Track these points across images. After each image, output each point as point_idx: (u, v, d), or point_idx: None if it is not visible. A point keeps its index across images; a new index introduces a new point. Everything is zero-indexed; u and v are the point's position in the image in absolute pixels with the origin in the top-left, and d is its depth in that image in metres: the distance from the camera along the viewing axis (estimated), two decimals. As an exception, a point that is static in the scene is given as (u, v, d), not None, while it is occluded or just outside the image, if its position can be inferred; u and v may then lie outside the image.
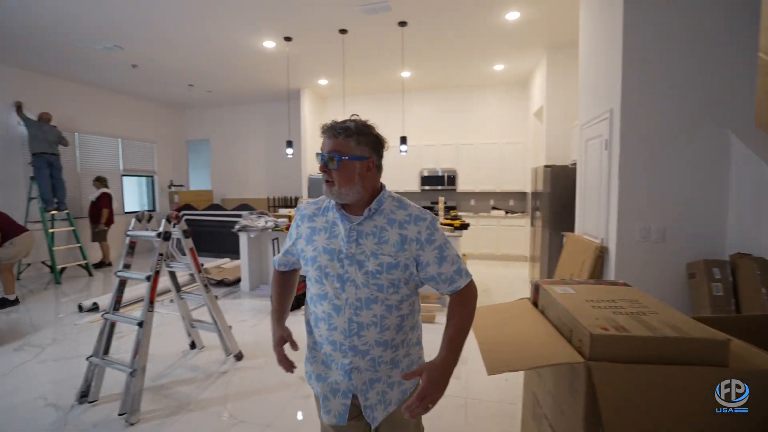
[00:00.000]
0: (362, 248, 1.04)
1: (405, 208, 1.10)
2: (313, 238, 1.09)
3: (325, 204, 1.13)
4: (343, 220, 1.06)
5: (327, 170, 1.03)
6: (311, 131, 7.37)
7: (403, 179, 7.26)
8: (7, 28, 4.33)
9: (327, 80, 6.66)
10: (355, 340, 1.06)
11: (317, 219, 1.12)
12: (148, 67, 5.79)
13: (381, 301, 1.05)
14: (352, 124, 1.04)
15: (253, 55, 5.34)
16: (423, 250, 1.06)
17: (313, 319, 1.13)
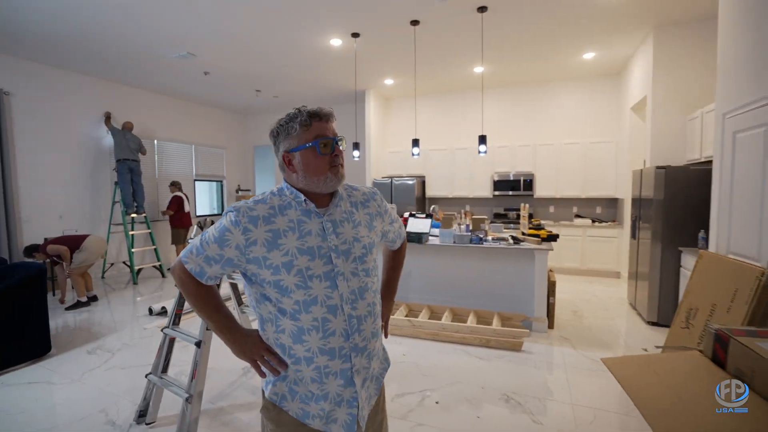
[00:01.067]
0: (343, 237, 1.01)
1: (356, 189, 1.14)
2: (278, 242, 0.96)
3: (278, 202, 1.01)
4: (311, 215, 1.01)
5: (339, 153, 1.03)
6: (376, 134, 7.09)
7: (472, 184, 6.70)
8: (98, 43, 4.55)
9: (393, 80, 6.34)
10: (356, 339, 1.00)
11: (276, 220, 0.98)
12: (218, 74, 5.88)
13: (370, 286, 1.05)
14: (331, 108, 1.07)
15: (320, 55, 5.17)
16: (383, 221, 1.17)
17: (294, 333, 0.98)
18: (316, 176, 1.00)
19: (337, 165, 1.02)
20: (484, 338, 3.30)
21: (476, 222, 4.04)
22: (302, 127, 1.00)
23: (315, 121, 1.01)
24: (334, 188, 1.03)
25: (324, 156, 1.00)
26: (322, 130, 1.01)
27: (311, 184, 1.01)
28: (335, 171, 1.01)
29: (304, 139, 1.00)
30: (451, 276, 4.04)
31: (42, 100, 5.35)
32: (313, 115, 1.00)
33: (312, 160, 1.00)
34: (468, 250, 3.92)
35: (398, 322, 3.59)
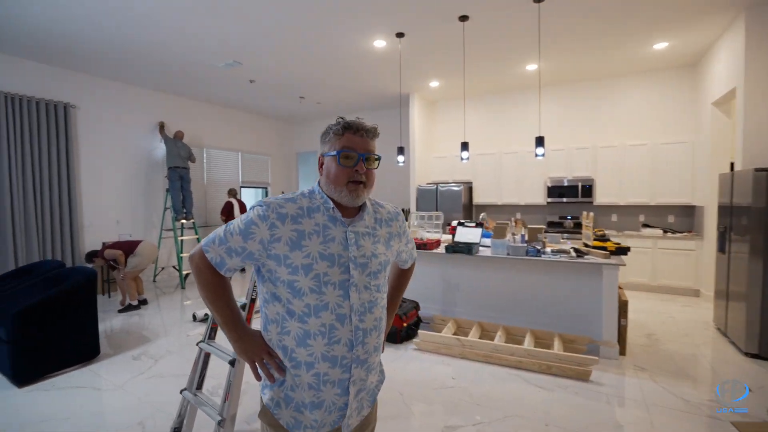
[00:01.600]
0: (363, 250, 1.03)
1: (382, 206, 1.16)
2: (302, 243, 0.98)
3: (307, 204, 1.03)
4: (337, 222, 1.02)
5: (365, 171, 1.02)
6: (421, 139, 6.85)
7: (523, 190, 6.25)
8: (152, 57, 4.72)
9: (438, 82, 6.08)
10: (359, 350, 1.00)
11: (303, 221, 1.00)
12: (263, 82, 5.94)
13: (379, 302, 1.06)
14: (373, 125, 1.07)
15: (363, 59, 5.04)
16: (401, 242, 1.21)
17: (299, 336, 0.98)
18: (334, 185, 1.01)
19: (357, 181, 1.01)
20: (544, 363, 2.92)
21: (533, 232, 3.66)
22: (335, 135, 1.02)
23: (348, 133, 1.02)
24: (349, 204, 1.02)
25: (344, 168, 1.00)
26: (351, 142, 1.01)
27: (331, 191, 1.02)
28: (353, 187, 1.01)
29: (332, 147, 1.02)
30: (503, 291, 3.68)
31: (103, 112, 5.65)
32: (347, 127, 1.02)
33: (332, 169, 1.01)
34: (524, 263, 3.55)
35: (446, 341, 3.29)
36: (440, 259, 3.97)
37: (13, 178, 4.69)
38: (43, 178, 4.95)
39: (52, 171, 5.03)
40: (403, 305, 3.68)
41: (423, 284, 4.06)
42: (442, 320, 3.81)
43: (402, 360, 3.21)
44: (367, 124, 1.05)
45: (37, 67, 4.98)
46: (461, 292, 3.92)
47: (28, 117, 4.82)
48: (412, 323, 3.64)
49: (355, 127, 1.03)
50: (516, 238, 3.60)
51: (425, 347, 3.37)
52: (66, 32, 4.12)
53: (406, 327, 3.56)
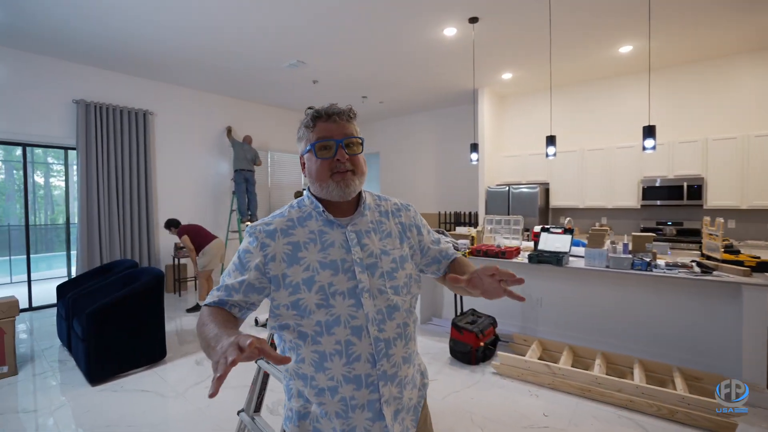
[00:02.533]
0: (369, 249, 0.92)
1: (386, 199, 1.06)
2: (298, 255, 0.89)
3: (297, 214, 0.94)
4: (333, 225, 0.92)
5: (348, 158, 0.90)
6: (490, 136, 6.32)
7: (611, 191, 5.46)
8: (219, 61, 4.79)
9: (512, 74, 5.53)
10: (384, 364, 0.88)
11: (295, 232, 0.91)
12: (326, 82, 5.82)
13: (400, 306, 0.93)
14: (347, 106, 0.96)
15: (431, 50, 4.68)
16: (422, 235, 1.06)
17: (315, 360, 0.87)
18: (319, 182, 0.92)
19: (342, 171, 0.90)
20: (665, 407, 2.33)
21: (639, 240, 3.03)
22: (307, 129, 0.94)
23: (319, 122, 0.92)
24: (340, 198, 0.92)
25: (323, 160, 0.91)
26: (325, 131, 0.91)
27: (319, 190, 0.93)
28: (339, 178, 0.90)
29: (307, 142, 0.94)
30: (601, 310, 3.10)
31: (177, 118, 5.89)
32: (317, 116, 0.93)
33: (312, 164, 0.92)
34: (629, 279, 2.95)
35: (533, 367, 2.81)
36: (520, 270, 3.48)
37: (100, 182, 4.99)
38: (124, 181, 5.23)
39: (133, 174, 5.31)
40: (479, 321, 3.25)
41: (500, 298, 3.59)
42: (524, 340, 3.31)
43: (480, 386, 2.78)
44: (339, 106, 0.94)
45: (121, 77, 5.29)
46: (546, 308, 3.39)
47: (113, 125, 5.12)
48: (489, 342, 3.19)
49: (326, 112, 0.92)
50: (617, 248, 3.01)
51: (506, 372, 2.91)
52: (143, 43, 4.28)
53: (483, 346, 3.11)
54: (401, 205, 1.07)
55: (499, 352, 3.02)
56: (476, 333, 3.09)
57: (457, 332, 3.19)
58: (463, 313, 3.47)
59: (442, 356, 3.27)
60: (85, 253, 4.87)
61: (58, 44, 4.36)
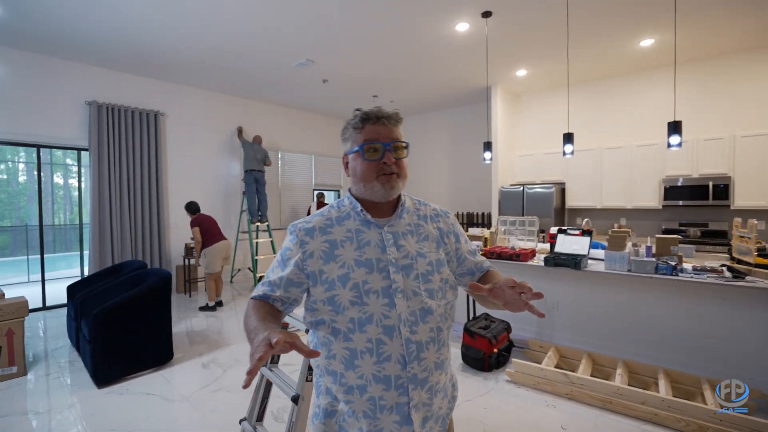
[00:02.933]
0: (405, 251, 0.93)
1: (425, 204, 1.07)
2: (335, 253, 0.91)
3: (336, 214, 0.97)
4: (370, 225, 0.95)
5: (394, 161, 0.93)
6: (504, 135, 6.16)
7: (631, 191, 5.25)
8: (228, 62, 4.76)
9: (526, 70, 5.37)
10: (415, 367, 0.88)
11: (333, 230, 0.94)
12: (336, 81, 5.75)
13: (434, 309, 0.92)
14: (394, 110, 0.97)
15: (443, 47, 4.56)
16: (459, 243, 1.05)
17: (346, 357, 0.88)
18: (364, 182, 0.95)
19: (389, 173, 0.93)
20: (695, 422, 2.17)
21: (664, 243, 2.87)
22: (355, 130, 0.96)
23: (368, 124, 0.94)
24: (384, 198, 0.95)
25: (371, 162, 0.93)
26: (373, 133, 0.94)
27: (362, 190, 0.96)
28: (385, 180, 0.93)
29: (354, 143, 0.96)
30: (622, 316, 2.95)
31: (187, 118, 5.90)
32: (366, 117, 0.95)
33: (359, 165, 0.95)
34: (652, 283, 2.79)
35: (549, 375, 2.67)
36: (536, 273, 3.34)
37: (112, 183, 5.02)
38: (136, 181, 5.25)
39: (144, 175, 5.32)
40: (493, 326, 3.12)
41: (514, 302, 3.46)
42: (540, 347, 3.17)
43: (494, 395, 2.66)
44: (387, 110, 0.96)
45: (132, 78, 5.31)
46: (562, 313, 3.25)
47: (124, 125, 5.14)
48: (503, 348, 3.06)
49: (375, 115, 0.94)
50: (640, 251, 2.85)
51: (521, 380, 2.78)
52: (153, 44, 4.26)
53: (497, 353, 2.99)
54: (440, 211, 1.07)
55: (514, 359, 2.89)
56: (489, 338, 2.97)
57: (469, 337, 3.07)
58: (475, 317, 3.34)
59: (454, 362, 3.14)
60: (96, 253, 4.89)
61: (71, 46, 4.39)
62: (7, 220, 8.48)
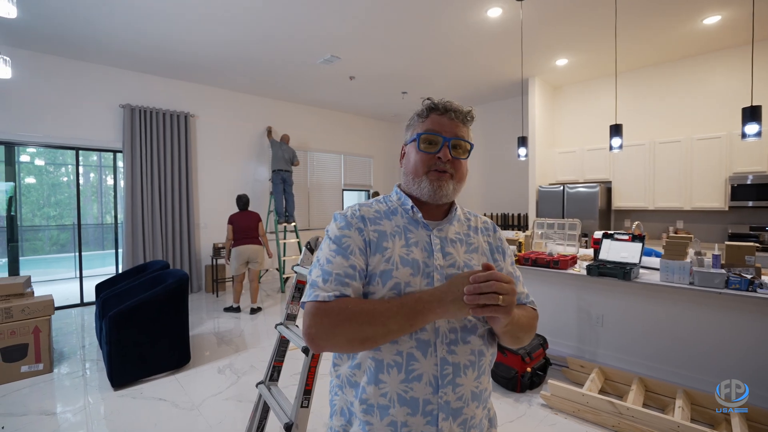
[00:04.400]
0: (452, 259, 0.84)
1: (476, 215, 0.98)
2: (383, 244, 0.82)
3: (384, 208, 0.89)
4: (419, 225, 0.86)
5: (450, 160, 0.85)
6: (542, 131, 5.72)
7: (689, 189, 4.66)
8: (252, 59, 4.71)
9: (567, 59, 4.93)
10: (448, 393, 0.76)
11: (383, 223, 0.85)
12: (363, 77, 5.58)
13: (478, 329, 0.82)
14: (468, 107, 0.90)
15: (474, 37, 4.25)
16: (505, 262, 0.94)
17: (371, 369, 0.77)
18: (412, 175, 0.87)
19: (441, 171, 0.85)
20: (779, 474, 1.76)
21: (736, 252, 2.42)
22: (418, 118, 0.89)
23: (433, 114, 0.87)
24: (430, 198, 0.86)
25: (424, 154, 0.85)
26: (437, 125, 0.86)
27: (410, 184, 0.88)
28: (435, 177, 0.84)
29: (414, 132, 0.89)
30: (682, 336, 2.53)
31: (216, 120, 5.94)
32: (433, 107, 0.88)
33: (411, 155, 0.88)
34: (720, 300, 2.36)
35: (592, 402, 2.32)
36: (577, 283, 2.98)
37: (144, 183, 5.12)
38: (166, 182, 5.34)
39: (174, 175, 5.40)
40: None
41: (551, 313, 3.11)
42: (581, 366, 2.81)
43: (526, 421, 2.35)
44: (455, 104, 0.87)
45: (163, 81, 5.40)
46: (607, 329, 2.86)
47: (156, 127, 5.23)
48: (537, 366, 2.73)
49: (443, 107, 0.86)
50: (705, 260, 2.42)
51: (559, 406, 2.44)
52: (181, 46, 4.27)
53: (531, 372, 2.66)
54: (491, 225, 0.99)
55: (550, 380, 2.55)
56: (522, 355, 2.65)
57: (499, 353, 2.76)
58: (507, 330, 3.02)
59: (482, 379, 2.85)
60: (129, 251, 5.01)
61: (105, 52, 4.50)
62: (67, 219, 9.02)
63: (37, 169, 8.13)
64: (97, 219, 9.15)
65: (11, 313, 2.96)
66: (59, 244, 8.67)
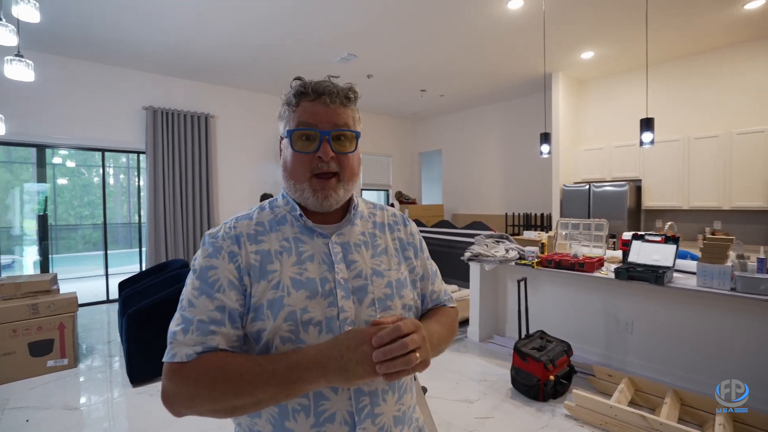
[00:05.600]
0: (357, 268, 0.71)
1: (383, 208, 0.85)
2: (267, 268, 0.66)
3: (269, 217, 0.73)
4: (313, 234, 0.71)
5: (334, 156, 0.69)
6: (566, 128, 5.51)
7: (728, 188, 4.36)
8: (268, 58, 4.73)
9: (594, 52, 4.71)
10: (368, 428, 0.65)
11: (266, 239, 0.70)
12: (381, 75, 5.52)
13: None
14: (347, 84, 0.73)
15: (494, 30, 4.12)
16: (418, 259, 0.83)
17: (275, 417, 0.64)
18: (294, 180, 0.71)
19: (324, 175, 0.69)
20: (837, 503, 1.58)
21: (784, 255, 2.22)
22: (288, 108, 0.72)
23: (304, 101, 0.70)
24: (317, 208, 0.71)
25: (300, 154, 0.69)
26: (310, 116, 0.69)
27: (293, 191, 0.72)
28: (318, 186, 0.69)
29: (286, 125, 0.72)
30: (722, 346, 2.34)
31: (235, 120, 6.02)
32: (302, 92, 0.70)
33: (288, 157, 0.71)
34: (766, 308, 2.16)
35: (621, 415, 2.17)
36: (604, 286, 2.82)
37: (166, 183, 5.23)
38: (187, 182, 5.44)
39: (195, 175, 5.50)
40: (549, 347, 2.66)
41: (576, 318, 2.96)
42: (608, 375, 2.65)
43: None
44: (334, 83, 0.71)
45: (183, 83, 5.51)
46: (637, 336, 2.69)
47: (177, 129, 5.34)
48: (561, 374, 2.59)
49: (314, 90, 0.69)
50: (748, 264, 2.23)
51: (585, 417, 2.30)
52: (200, 48, 4.33)
53: (554, 380, 2.53)
54: (400, 218, 0.86)
55: (575, 390, 2.41)
56: (545, 362, 2.52)
57: (520, 359, 2.64)
58: (528, 335, 2.89)
59: (502, 386, 2.74)
60: (152, 250, 5.12)
61: (129, 55, 4.62)
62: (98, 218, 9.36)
63: (69, 171, 8.47)
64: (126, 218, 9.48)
65: (38, 309, 3.05)
66: (91, 243, 9.02)
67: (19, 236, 7.37)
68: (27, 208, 6.77)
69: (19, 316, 2.96)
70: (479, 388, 2.75)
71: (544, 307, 3.27)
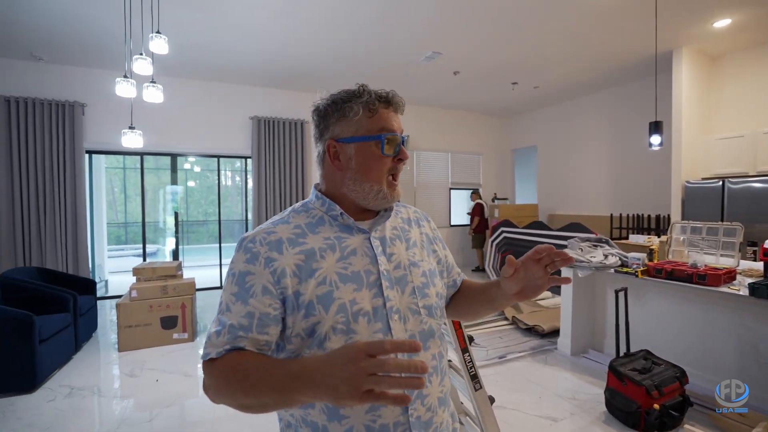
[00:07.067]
0: (396, 259, 0.76)
1: (405, 206, 0.91)
2: (312, 266, 0.69)
3: (305, 220, 0.76)
4: (352, 230, 0.76)
5: (404, 158, 0.77)
6: (690, 113, 4.65)
7: None
8: (362, 68, 4.93)
9: (731, 18, 3.89)
10: (418, 408, 0.70)
11: (307, 240, 0.72)
12: (468, 71, 5.34)
13: (435, 330, 0.77)
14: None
15: (591, 11, 3.68)
16: (445, 250, 0.91)
17: (330, 406, 0.66)
18: (370, 182, 0.74)
19: (396, 175, 0.78)
20: None
21: None
22: (366, 110, 0.74)
23: (383, 108, 0.75)
24: (384, 206, 0.78)
25: (387, 158, 0.75)
26: (389, 122, 0.75)
27: (359, 191, 0.75)
28: (391, 184, 0.77)
29: (365, 129, 0.74)
30: None
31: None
32: (382, 99, 0.75)
33: (372, 159, 0.74)
34: None
35: (749, 464, 1.76)
36: (735, 305, 2.32)
37: (268, 184, 5.82)
38: (285, 182, 5.99)
39: (292, 177, 6.03)
40: (656, 370, 2.28)
41: (693, 340, 2.50)
42: (740, 415, 2.17)
43: None
44: (398, 96, 0.78)
45: (282, 93, 6.07)
46: (785, 369, 2.15)
47: (277, 135, 5.91)
48: (671, 404, 2.20)
49: (392, 100, 0.76)
50: None
51: (699, 459, 1.92)
52: (294, 60, 4.72)
53: (660, 409, 2.16)
54: (421, 215, 0.92)
55: (688, 425, 2.03)
56: (648, 388, 2.16)
57: (617, 380, 2.32)
58: (629, 353, 2.52)
59: (595, 408, 2.43)
60: (257, 244, 5.75)
61: (236, 71, 5.25)
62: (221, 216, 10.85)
63: (196, 175, 9.96)
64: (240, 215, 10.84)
65: (167, 290, 3.66)
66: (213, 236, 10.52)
67: (162, 229, 8.90)
68: (167, 207, 8.16)
69: (154, 295, 3.59)
70: (566, 406, 2.48)
71: (649, 324, 2.82)
